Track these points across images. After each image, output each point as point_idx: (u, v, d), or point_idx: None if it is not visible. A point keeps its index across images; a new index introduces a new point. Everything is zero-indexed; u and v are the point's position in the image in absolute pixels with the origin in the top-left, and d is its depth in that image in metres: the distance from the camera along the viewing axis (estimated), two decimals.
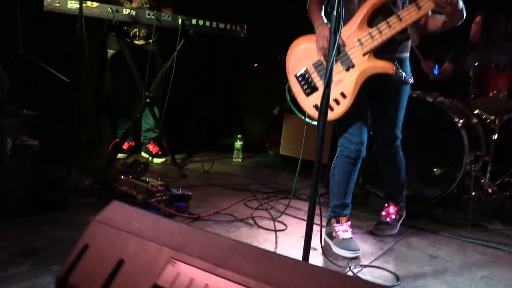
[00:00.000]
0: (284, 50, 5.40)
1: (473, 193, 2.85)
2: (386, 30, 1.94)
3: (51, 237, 1.95)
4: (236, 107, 5.36)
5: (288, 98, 2.26)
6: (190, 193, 2.53)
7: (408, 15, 1.91)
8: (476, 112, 3.22)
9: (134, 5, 3.56)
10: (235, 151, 4.14)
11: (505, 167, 3.39)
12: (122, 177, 2.67)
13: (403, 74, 2.02)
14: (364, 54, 1.98)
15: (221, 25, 3.28)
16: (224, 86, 5.36)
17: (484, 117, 3.20)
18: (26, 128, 2.26)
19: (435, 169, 2.97)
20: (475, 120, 3.21)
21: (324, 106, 1.49)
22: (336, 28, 1.44)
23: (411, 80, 2.08)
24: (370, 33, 1.96)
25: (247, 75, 5.24)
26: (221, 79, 5.30)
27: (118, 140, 3.79)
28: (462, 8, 1.95)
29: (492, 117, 3.12)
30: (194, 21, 3.21)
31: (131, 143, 3.90)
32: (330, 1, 2.37)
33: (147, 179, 2.62)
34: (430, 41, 3.87)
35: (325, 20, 2.11)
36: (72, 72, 3.59)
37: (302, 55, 2.17)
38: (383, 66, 1.96)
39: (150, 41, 3.58)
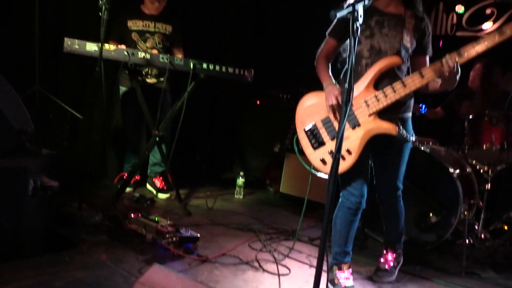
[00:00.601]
0: (285, 89, 5.59)
1: (467, 240, 2.98)
2: (391, 95, 2.10)
3: (69, 277, 2.04)
4: (237, 142, 5.50)
5: (296, 150, 2.39)
6: (198, 235, 2.63)
7: (412, 82, 2.08)
8: (470, 162, 3.39)
9: (148, 45, 3.73)
10: (236, 188, 4.25)
11: (497, 214, 3.55)
12: (132, 215, 2.76)
13: (405, 133, 2.18)
14: (369, 115, 2.14)
15: (230, 70, 3.44)
16: (226, 122, 5.51)
17: (478, 167, 3.36)
18: (45, 168, 2.38)
19: (431, 216, 3.10)
20: (469, 170, 3.36)
21: (333, 177, 1.62)
22: (347, 99, 1.58)
23: (413, 138, 2.24)
24: (376, 96, 2.13)
25: (249, 112, 5.41)
26: (224, 114, 5.45)
27: (124, 173, 3.91)
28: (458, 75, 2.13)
29: (486, 168, 3.29)
30: (204, 65, 3.36)
31: (137, 177, 4.01)
32: (339, 59, 2.55)
33: (156, 218, 2.72)
34: None
35: (333, 80, 2.26)
36: (83, 107, 3.76)
37: (312, 110, 2.31)
38: (387, 127, 2.12)
39: (162, 79, 3.74)
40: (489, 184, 3.25)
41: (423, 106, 4.22)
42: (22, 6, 3.40)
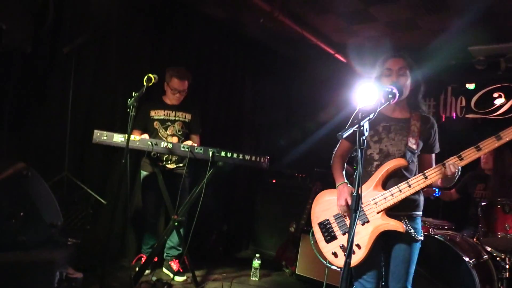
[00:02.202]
0: (301, 169, 5.74)
1: None
2: (397, 194, 2.22)
3: None
4: (253, 221, 5.57)
5: (312, 242, 2.48)
6: None
7: (416, 183, 2.21)
8: (486, 248, 3.40)
9: (169, 132, 3.96)
10: (252, 270, 4.27)
11: None
12: None
13: (413, 232, 2.26)
14: (378, 212, 2.24)
15: (247, 157, 3.60)
16: (243, 201, 5.62)
17: (495, 254, 3.36)
18: (71, 258, 2.50)
19: None
20: (486, 256, 3.35)
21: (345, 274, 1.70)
22: (356, 207, 1.70)
23: (421, 238, 2.30)
24: (383, 195, 2.24)
25: (265, 191, 5.54)
26: (240, 193, 5.58)
27: (142, 255, 3.99)
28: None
29: (503, 256, 3.29)
30: (223, 153, 3.53)
31: (154, 259, 4.07)
32: (354, 159, 2.70)
33: None
34: None
35: (345, 180, 2.40)
36: (107, 193, 3.95)
37: (325, 206, 2.45)
38: (394, 224, 2.21)
39: (181, 165, 3.92)
40: (507, 273, 3.23)
41: (437, 189, 4.28)
42: (57, 95, 3.69)
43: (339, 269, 2.28)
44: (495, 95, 5.12)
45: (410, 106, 2.41)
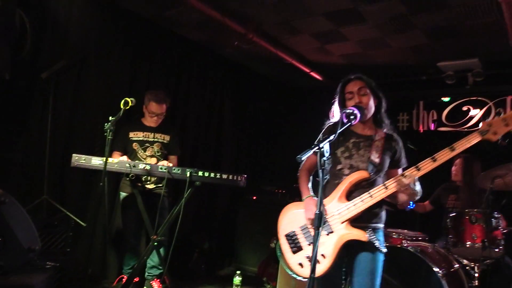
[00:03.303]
0: (281, 185, 5.85)
1: None
2: (359, 204, 2.32)
3: None
4: (235, 238, 5.63)
5: (279, 254, 2.57)
6: None
7: (378, 194, 2.32)
8: (457, 258, 3.52)
9: (148, 153, 4.02)
10: (233, 286, 4.32)
11: None
12: None
13: (376, 242, 2.35)
14: (342, 223, 2.34)
15: (224, 176, 3.67)
16: (224, 218, 5.69)
17: (465, 263, 3.49)
18: (50, 281, 2.54)
19: None
20: (457, 266, 3.47)
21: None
22: (318, 225, 1.80)
23: (384, 250, 2.40)
24: (347, 206, 2.35)
25: (246, 207, 5.61)
26: (221, 211, 5.65)
27: (123, 275, 4.02)
28: (419, 193, 2.35)
29: (472, 264, 3.42)
30: (200, 173, 3.61)
31: (135, 279, 4.10)
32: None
33: None
34: None
35: (312, 193, 2.50)
36: (86, 215, 3.99)
37: (292, 218, 2.54)
38: (357, 234, 2.30)
39: (160, 185, 3.99)
40: (477, 281, 3.35)
41: (411, 202, 4.40)
42: (36, 120, 3.75)
43: (305, 280, 2.34)
44: (464, 108, 5.33)
45: (376, 123, 2.54)
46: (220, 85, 5.65)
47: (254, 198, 5.61)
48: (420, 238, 3.92)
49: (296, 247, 2.46)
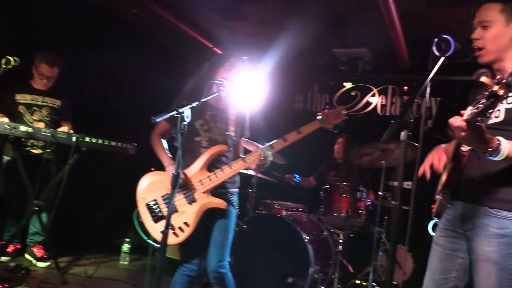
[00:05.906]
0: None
1: None
2: (220, 175, 2.50)
3: None
4: (133, 209, 5.62)
5: (136, 223, 2.66)
6: None
7: (237, 166, 2.52)
8: (327, 226, 3.90)
9: (35, 117, 3.89)
10: (122, 254, 4.37)
11: (356, 271, 4.06)
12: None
13: (234, 204, 2.61)
14: (203, 192, 2.50)
15: (113, 143, 3.68)
16: (122, 188, 5.65)
17: (332, 230, 3.88)
18: None
19: (288, 278, 3.47)
20: (326, 233, 3.85)
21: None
22: (174, 184, 1.93)
23: (237, 211, 2.64)
24: (209, 177, 2.51)
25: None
26: (119, 181, 5.60)
27: (3, 242, 3.89)
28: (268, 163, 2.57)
29: (338, 232, 3.81)
30: (87, 139, 3.58)
31: (16, 245, 3.99)
32: (175, 139, 2.84)
33: None
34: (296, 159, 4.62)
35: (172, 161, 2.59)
36: None
37: (153, 187, 2.60)
38: (218, 202, 2.50)
39: (48, 150, 3.88)
40: (340, 247, 3.75)
41: (297, 176, 4.75)
42: None
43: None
44: (353, 93, 5.78)
45: (229, 96, 2.68)
46: (121, 54, 5.52)
47: (153, 169, 5.62)
48: (300, 210, 4.26)
49: (157, 216, 2.53)
